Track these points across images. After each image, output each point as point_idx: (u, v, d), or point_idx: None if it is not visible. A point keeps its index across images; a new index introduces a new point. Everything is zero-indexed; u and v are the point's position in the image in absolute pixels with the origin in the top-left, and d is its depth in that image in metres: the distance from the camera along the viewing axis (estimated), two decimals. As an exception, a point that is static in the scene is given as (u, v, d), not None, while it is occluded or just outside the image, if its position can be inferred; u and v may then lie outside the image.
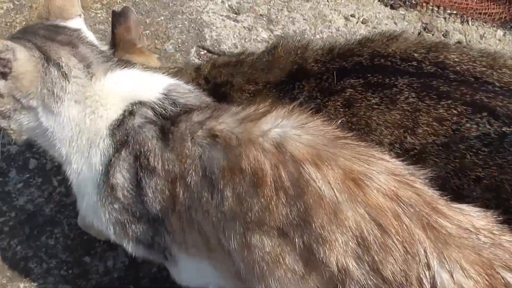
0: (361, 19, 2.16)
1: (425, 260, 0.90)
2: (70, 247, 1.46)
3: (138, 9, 2.04)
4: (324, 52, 1.29)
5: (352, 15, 2.17)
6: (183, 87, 1.16)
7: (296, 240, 0.92)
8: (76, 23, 1.18)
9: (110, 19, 1.42)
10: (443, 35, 2.07)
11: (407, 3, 2.18)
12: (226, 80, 1.34)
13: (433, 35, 2.08)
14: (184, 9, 2.06)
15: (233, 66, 1.35)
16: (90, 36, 1.17)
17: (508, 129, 1.08)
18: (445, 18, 2.15)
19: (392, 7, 2.17)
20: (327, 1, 2.22)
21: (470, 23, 2.13)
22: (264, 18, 2.13)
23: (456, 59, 1.17)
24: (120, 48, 1.37)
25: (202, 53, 1.97)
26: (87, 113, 1.07)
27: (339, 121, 1.11)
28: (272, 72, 1.30)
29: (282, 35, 2.03)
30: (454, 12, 2.14)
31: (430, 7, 2.17)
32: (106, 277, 1.43)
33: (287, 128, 0.97)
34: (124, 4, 2.02)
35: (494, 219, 0.98)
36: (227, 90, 1.32)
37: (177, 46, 1.96)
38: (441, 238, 0.90)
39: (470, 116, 1.10)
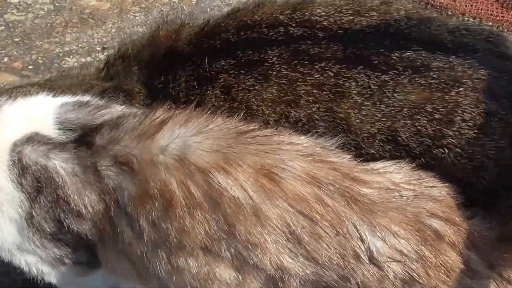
0: None
1: (357, 235, 0.91)
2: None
3: (176, 13, 1.94)
4: (198, 30, 1.20)
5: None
6: (78, 101, 1.07)
7: (224, 253, 0.91)
8: None
9: (148, 22, 1.33)
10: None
11: (443, 14, 2.05)
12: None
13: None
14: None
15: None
16: None
17: (386, 76, 1.04)
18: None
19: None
20: None
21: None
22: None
23: (322, 13, 1.10)
24: None
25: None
26: None
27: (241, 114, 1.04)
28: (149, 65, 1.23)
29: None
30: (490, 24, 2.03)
31: (466, 18, 2.08)
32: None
33: (186, 137, 0.92)
34: (162, 8, 1.96)
35: (409, 167, 0.99)
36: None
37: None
38: (366, 208, 0.92)
39: (347, 73, 1.05)
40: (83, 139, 0.98)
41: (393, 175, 0.97)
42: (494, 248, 0.99)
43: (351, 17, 1.08)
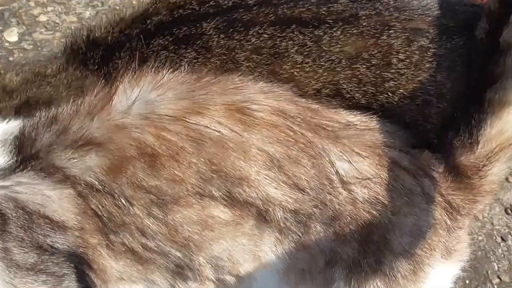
0: None
1: (327, 158, 0.97)
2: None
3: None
4: (113, 22, 1.20)
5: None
6: None
7: (216, 194, 0.92)
8: None
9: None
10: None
11: None
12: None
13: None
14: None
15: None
16: None
17: (319, 31, 1.08)
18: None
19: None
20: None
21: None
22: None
23: None
24: None
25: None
26: None
27: (186, 64, 1.06)
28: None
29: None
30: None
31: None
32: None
33: (145, 95, 0.92)
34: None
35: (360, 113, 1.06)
36: None
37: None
38: (331, 135, 0.99)
39: (282, 34, 1.08)
40: (25, 153, 0.95)
41: (348, 116, 1.04)
42: (443, 179, 1.06)
43: None
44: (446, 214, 1.06)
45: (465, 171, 1.07)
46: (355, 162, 0.99)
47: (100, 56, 1.19)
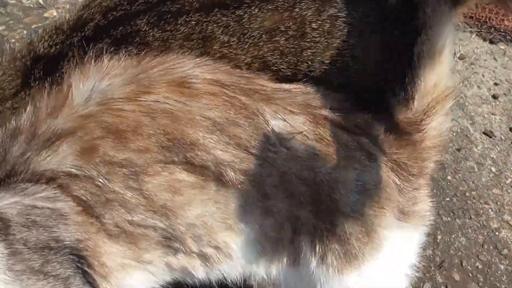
0: (457, 55, 2.03)
1: (262, 118, 1.05)
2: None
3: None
4: (52, 34, 1.28)
5: (447, 50, 2.10)
6: None
7: (176, 159, 1.02)
8: None
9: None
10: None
11: (507, 37, 1.99)
12: None
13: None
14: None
15: None
16: None
17: (240, 11, 1.20)
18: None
19: (491, 42, 1.99)
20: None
21: None
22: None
23: None
24: None
25: None
26: None
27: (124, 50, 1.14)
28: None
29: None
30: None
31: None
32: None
33: (97, 85, 1.02)
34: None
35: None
36: None
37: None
38: (264, 97, 1.07)
39: (207, 18, 1.20)
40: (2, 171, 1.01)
41: (281, 84, 1.13)
42: (384, 138, 1.11)
43: None
44: (394, 173, 1.09)
45: (405, 129, 1.11)
46: (289, 119, 1.06)
47: (43, 70, 1.26)
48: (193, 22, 1.20)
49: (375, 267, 1.11)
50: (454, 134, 1.97)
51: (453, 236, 1.76)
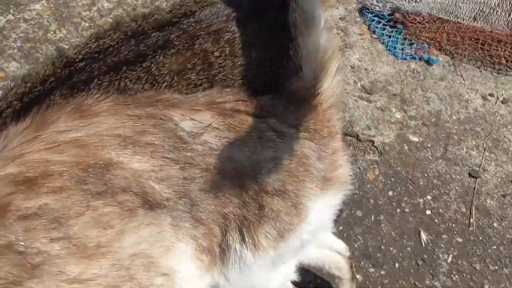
0: (500, 99, 2.02)
1: (171, 122, 1.07)
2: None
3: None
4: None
5: (491, 94, 2.03)
6: None
7: (95, 189, 0.97)
8: None
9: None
10: None
11: None
12: None
13: None
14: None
15: None
16: None
17: (146, 63, 1.28)
18: None
19: (535, 86, 1.93)
20: (463, 79, 2.08)
21: None
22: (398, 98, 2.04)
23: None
24: None
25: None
26: None
27: None
28: None
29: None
30: None
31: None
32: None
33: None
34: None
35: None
36: None
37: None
38: (167, 104, 1.09)
39: (117, 77, 1.26)
40: None
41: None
42: (287, 112, 1.17)
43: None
44: (308, 141, 1.13)
45: (302, 97, 1.17)
46: (196, 117, 1.08)
47: None
48: (105, 84, 1.26)
49: (303, 233, 1.17)
50: (499, 180, 1.97)
51: (501, 286, 1.74)
